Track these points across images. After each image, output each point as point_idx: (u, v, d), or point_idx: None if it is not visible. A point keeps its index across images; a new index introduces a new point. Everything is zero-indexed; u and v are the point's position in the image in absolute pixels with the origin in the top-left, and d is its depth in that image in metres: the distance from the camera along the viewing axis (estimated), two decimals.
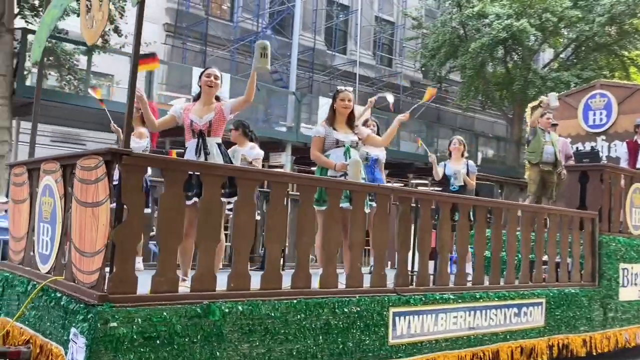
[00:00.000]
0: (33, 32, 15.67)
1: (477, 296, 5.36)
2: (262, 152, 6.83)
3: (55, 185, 4.13)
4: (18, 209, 4.84)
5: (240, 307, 3.94)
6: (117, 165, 3.57)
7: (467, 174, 6.95)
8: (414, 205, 5.19)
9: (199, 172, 4.02)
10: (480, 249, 5.59)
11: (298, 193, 4.58)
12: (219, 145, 4.82)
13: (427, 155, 8.09)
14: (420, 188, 22.36)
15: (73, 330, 3.57)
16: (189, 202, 4.40)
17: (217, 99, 4.98)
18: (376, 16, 27.89)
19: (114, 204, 3.57)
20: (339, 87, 5.56)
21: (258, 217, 6.65)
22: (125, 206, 3.58)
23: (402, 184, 24.02)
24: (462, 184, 6.82)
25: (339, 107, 5.37)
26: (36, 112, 5.48)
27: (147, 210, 5.96)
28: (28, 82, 16.14)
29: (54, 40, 17.44)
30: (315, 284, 4.47)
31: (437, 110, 27.32)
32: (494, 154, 27.37)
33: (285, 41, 23.20)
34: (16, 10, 14.60)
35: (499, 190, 10.61)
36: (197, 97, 5.01)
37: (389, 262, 7.06)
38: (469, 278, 5.61)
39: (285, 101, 21.20)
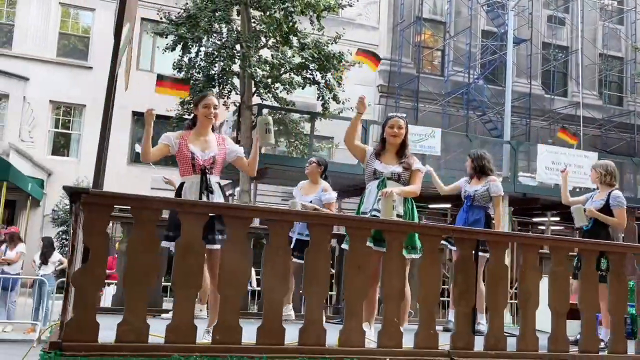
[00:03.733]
0: (266, 106, 17.08)
1: None
2: (335, 195, 6.06)
3: None
4: None
5: None
6: None
7: (608, 207, 5.33)
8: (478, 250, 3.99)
9: (176, 210, 3.51)
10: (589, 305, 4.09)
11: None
12: (219, 184, 4.21)
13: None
14: None
15: None
16: (212, 247, 3.90)
17: (214, 129, 4.40)
18: (600, 53, 24.74)
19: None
20: (389, 114, 4.66)
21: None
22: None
23: None
24: (585, 223, 5.26)
25: (387, 134, 4.47)
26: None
27: None
28: (263, 150, 17.38)
29: (283, 112, 18.74)
30: (333, 340, 3.61)
31: None
32: None
33: (498, 89, 21.74)
34: (253, 89, 15.95)
35: None
36: (190, 126, 4.40)
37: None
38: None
39: (500, 151, 19.67)
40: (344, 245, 4.08)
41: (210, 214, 3.65)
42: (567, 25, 24.55)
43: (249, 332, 3.51)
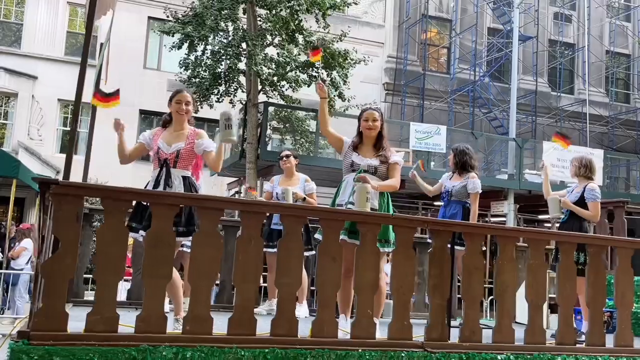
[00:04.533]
0: (273, 104, 17.08)
1: (558, 359, 3.82)
2: (315, 185, 6.12)
3: None
4: None
5: (189, 354, 3.28)
6: None
7: (583, 200, 5.28)
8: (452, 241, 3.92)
9: (146, 201, 3.50)
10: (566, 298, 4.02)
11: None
12: (185, 178, 4.18)
13: None
14: None
15: None
16: (179, 239, 3.91)
17: (189, 123, 4.38)
18: (607, 50, 24.44)
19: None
20: (363, 107, 4.62)
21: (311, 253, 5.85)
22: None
23: None
24: (559, 214, 5.23)
25: (363, 127, 4.42)
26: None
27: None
28: (269, 148, 17.38)
29: (289, 109, 18.73)
30: (306, 332, 3.58)
31: None
32: None
33: (504, 87, 21.60)
34: (259, 87, 15.95)
35: None
36: (166, 123, 4.42)
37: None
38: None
39: (505, 148, 19.55)
40: (317, 236, 4.06)
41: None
42: (573, 22, 24.30)
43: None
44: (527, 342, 3.89)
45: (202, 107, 16.61)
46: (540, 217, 20.40)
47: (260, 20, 15.91)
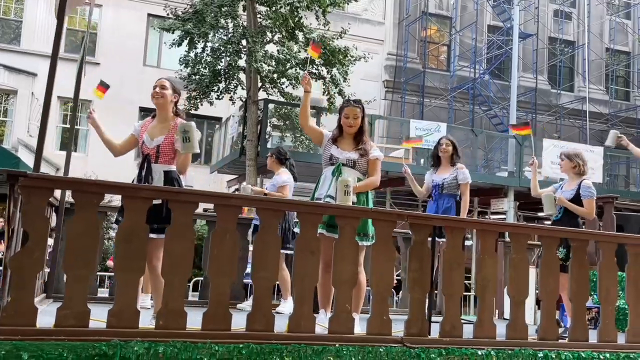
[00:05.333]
0: (273, 101, 16.99)
1: (540, 355, 3.73)
2: (288, 178, 6.01)
3: None
4: None
5: (161, 349, 3.21)
6: None
7: (578, 197, 5.17)
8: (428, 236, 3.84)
9: (118, 194, 3.42)
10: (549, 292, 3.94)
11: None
12: (167, 172, 4.06)
13: None
14: None
15: None
16: (153, 235, 3.82)
17: (178, 114, 4.25)
18: (607, 48, 24.28)
19: None
20: (344, 101, 4.54)
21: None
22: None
23: None
24: (554, 211, 5.12)
25: (343, 123, 4.34)
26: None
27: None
28: (269, 145, 17.31)
29: (289, 107, 18.65)
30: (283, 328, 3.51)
31: None
32: None
33: (504, 84, 21.48)
34: (259, 84, 15.88)
35: None
36: (156, 115, 4.33)
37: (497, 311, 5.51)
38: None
39: (505, 145, 19.41)
40: (296, 229, 4.00)
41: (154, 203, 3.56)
42: (573, 19, 24.15)
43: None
44: (509, 337, 3.81)
45: (202, 104, 16.58)
46: (540, 214, 20.28)
47: (260, 17, 15.84)
